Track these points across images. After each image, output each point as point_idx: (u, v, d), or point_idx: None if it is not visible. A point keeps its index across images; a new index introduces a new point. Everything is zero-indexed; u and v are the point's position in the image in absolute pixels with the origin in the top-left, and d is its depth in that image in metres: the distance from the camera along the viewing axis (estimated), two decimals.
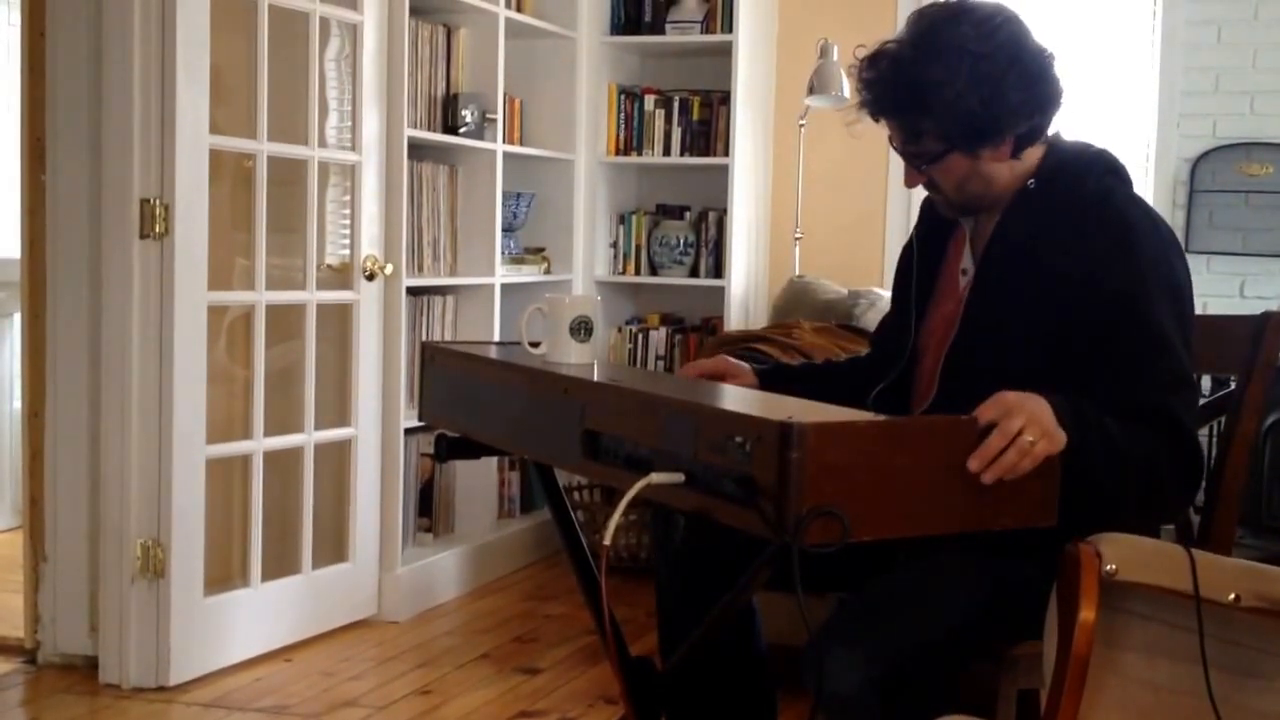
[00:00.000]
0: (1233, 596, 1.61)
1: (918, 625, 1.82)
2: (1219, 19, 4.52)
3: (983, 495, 1.61)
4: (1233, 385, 2.22)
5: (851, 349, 3.68)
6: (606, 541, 1.70)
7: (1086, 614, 1.58)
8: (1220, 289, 4.47)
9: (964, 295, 2.06)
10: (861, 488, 1.52)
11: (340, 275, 3.70)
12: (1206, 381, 4.13)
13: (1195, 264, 4.50)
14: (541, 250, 4.63)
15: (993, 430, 1.62)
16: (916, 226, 2.23)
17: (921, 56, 1.93)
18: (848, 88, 4.37)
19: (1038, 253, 1.96)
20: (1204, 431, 3.85)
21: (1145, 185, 4.57)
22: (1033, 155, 2.02)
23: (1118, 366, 1.87)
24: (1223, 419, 2.18)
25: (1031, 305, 1.95)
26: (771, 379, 2.22)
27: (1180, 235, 4.47)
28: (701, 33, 4.66)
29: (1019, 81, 1.93)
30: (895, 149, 2.04)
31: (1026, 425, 1.63)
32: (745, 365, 2.23)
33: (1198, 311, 2.01)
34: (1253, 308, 4.35)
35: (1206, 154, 4.52)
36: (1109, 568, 1.60)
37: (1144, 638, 1.67)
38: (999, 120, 1.94)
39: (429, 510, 4.18)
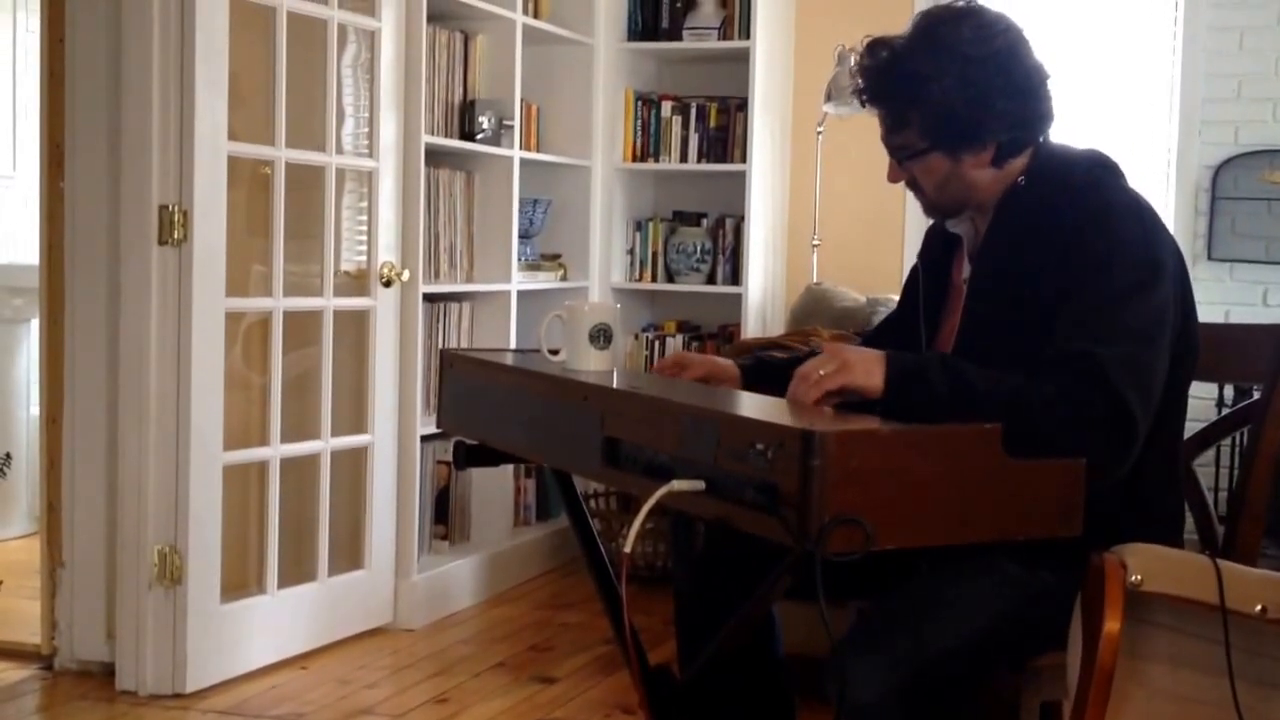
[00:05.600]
0: (1259, 608, 1.60)
1: (940, 635, 1.81)
2: (1241, 25, 4.50)
3: (1006, 505, 1.59)
4: (1256, 395, 2.19)
5: None
6: (627, 549, 1.69)
7: (1112, 625, 1.57)
8: (1243, 297, 4.43)
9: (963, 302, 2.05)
10: (884, 496, 1.51)
11: (357, 281, 3.69)
12: (1229, 391, 4.10)
13: (1218, 272, 4.53)
14: (558, 257, 4.62)
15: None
16: (921, 252, 2.22)
17: (916, 50, 1.97)
18: None
19: (1027, 249, 1.95)
20: (1227, 442, 3.82)
21: (1166, 192, 4.54)
22: (1019, 163, 2.01)
23: (1063, 324, 1.84)
24: (1246, 429, 2.15)
25: (1025, 303, 1.92)
26: (754, 377, 2.18)
27: (1202, 243, 4.45)
28: (719, 39, 4.65)
29: (1006, 91, 1.95)
30: (881, 141, 2.07)
31: (836, 365, 1.82)
32: (729, 364, 2.19)
33: (1220, 320, 2.00)
34: (1276, 316, 4.32)
35: (1228, 161, 4.49)
36: (1134, 578, 1.59)
37: (1169, 649, 1.65)
38: (981, 125, 1.96)
39: (445, 518, 4.17)
